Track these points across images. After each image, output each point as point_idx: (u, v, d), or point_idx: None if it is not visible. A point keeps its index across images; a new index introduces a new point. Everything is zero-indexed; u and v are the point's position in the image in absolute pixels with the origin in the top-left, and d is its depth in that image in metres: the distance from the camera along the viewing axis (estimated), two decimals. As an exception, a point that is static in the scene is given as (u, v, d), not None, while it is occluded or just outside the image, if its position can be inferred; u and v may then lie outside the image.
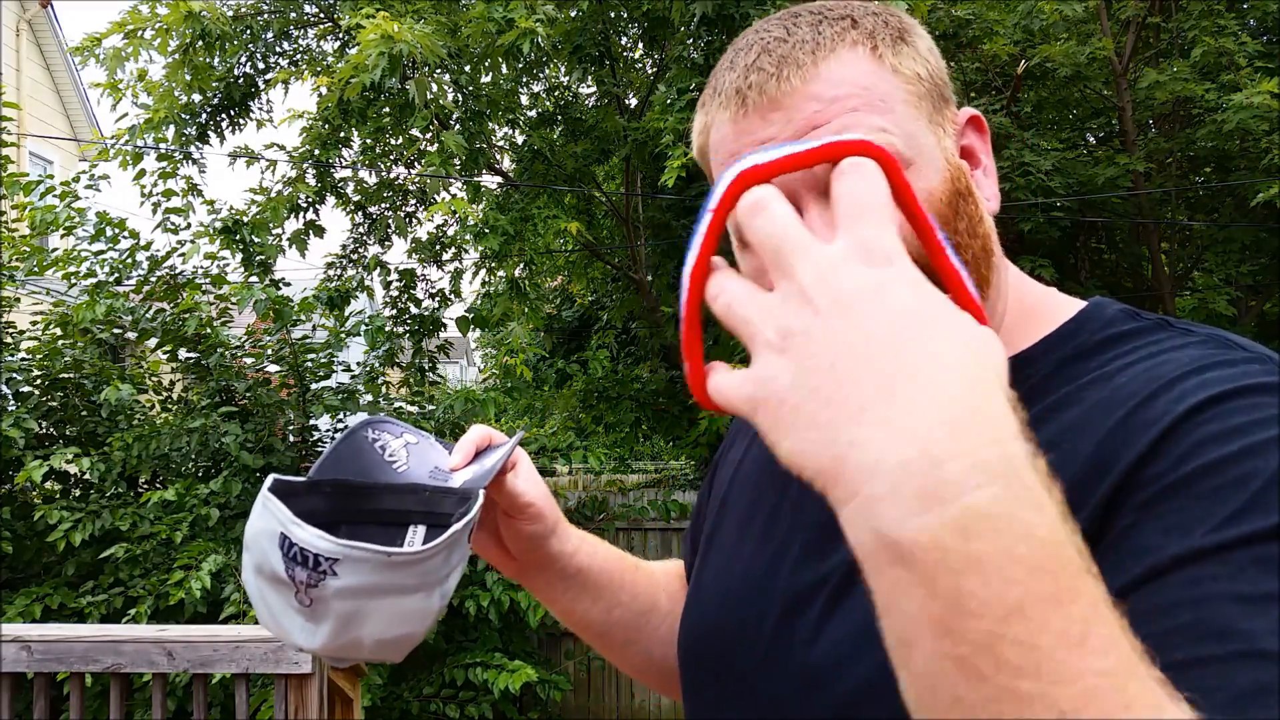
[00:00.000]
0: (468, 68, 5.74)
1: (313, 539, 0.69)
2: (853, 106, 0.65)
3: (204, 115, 6.21)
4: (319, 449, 5.71)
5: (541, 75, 6.80)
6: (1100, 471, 0.58)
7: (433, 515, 0.82)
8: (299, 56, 6.70)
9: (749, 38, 0.70)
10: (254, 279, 5.52)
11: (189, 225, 5.73)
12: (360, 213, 6.88)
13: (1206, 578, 0.50)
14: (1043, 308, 0.73)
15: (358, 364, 5.90)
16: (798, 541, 0.75)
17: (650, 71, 6.89)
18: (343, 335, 5.81)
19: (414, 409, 5.84)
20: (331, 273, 6.88)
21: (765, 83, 0.65)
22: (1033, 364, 0.69)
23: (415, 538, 0.82)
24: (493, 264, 6.49)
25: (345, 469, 0.84)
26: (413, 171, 6.41)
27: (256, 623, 4.30)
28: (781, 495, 0.80)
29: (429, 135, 5.49)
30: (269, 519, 0.72)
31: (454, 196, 5.61)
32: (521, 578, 0.95)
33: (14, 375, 5.19)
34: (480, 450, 0.89)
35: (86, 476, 5.08)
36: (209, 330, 5.27)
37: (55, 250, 5.44)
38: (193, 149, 6.10)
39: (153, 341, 5.49)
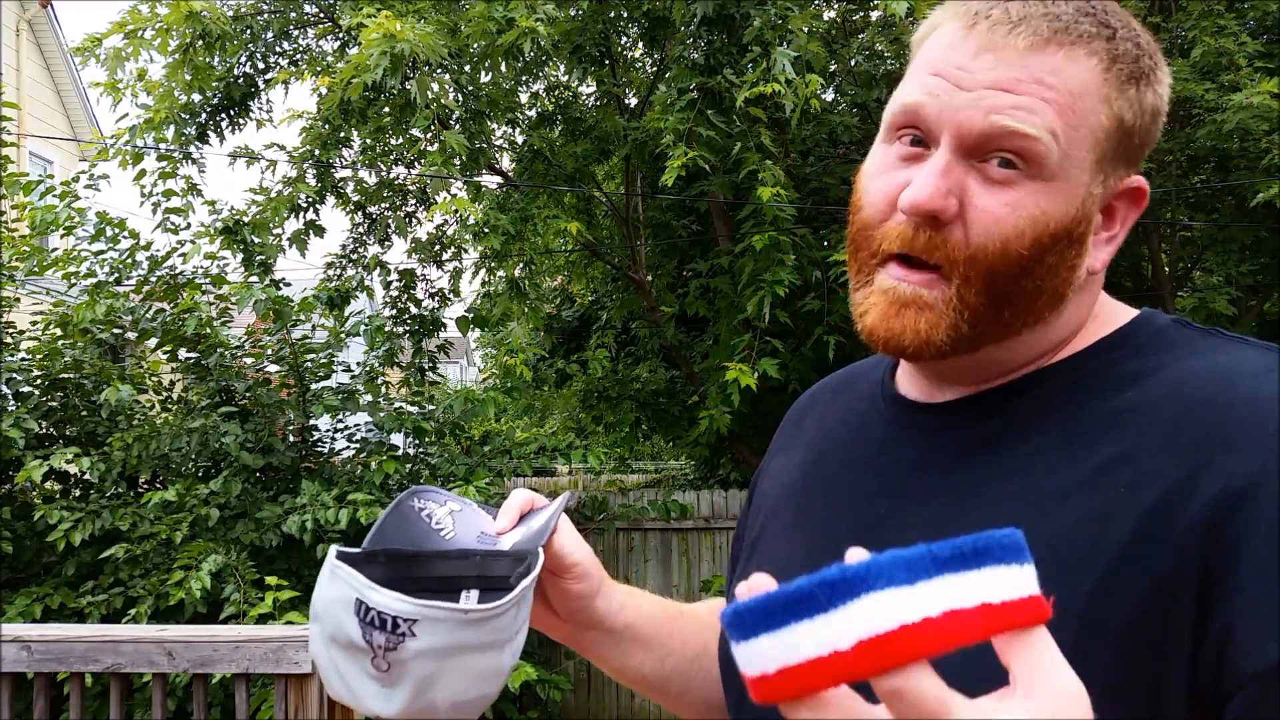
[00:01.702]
0: (467, 67, 5.74)
1: (391, 601, 0.70)
2: (1047, 98, 0.64)
3: (204, 115, 6.21)
4: (319, 449, 5.71)
5: (541, 74, 6.80)
6: (1185, 499, 0.59)
7: (485, 579, 0.83)
8: (299, 56, 6.70)
9: None
10: (254, 279, 5.52)
11: (189, 225, 5.73)
12: (360, 213, 6.88)
13: None
14: (1098, 314, 0.74)
15: (357, 364, 5.90)
16: (845, 535, 0.74)
17: (650, 71, 6.89)
18: (342, 335, 5.81)
19: (414, 409, 5.84)
20: (331, 273, 6.87)
21: (998, 24, 0.66)
22: (1089, 363, 0.70)
23: (470, 603, 0.83)
24: (492, 264, 6.49)
25: (395, 539, 0.85)
26: (413, 171, 6.41)
27: (256, 623, 4.31)
28: (831, 495, 0.80)
29: (430, 135, 5.49)
30: (341, 586, 0.72)
31: (454, 196, 5.61)
32: (571, 640, 0.95)
33: (14, 375, 5.19)
34: (524, 513, 0.89)
35: (86, 476, 5.08)
36: (209, 330, 5.26)
37: (55, 250, 5.44)
38: (192, 149, 6.10)
39: (153, 341, 5.49)
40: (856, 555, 0.43)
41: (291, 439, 5.61)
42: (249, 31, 6.15)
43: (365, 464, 5.54)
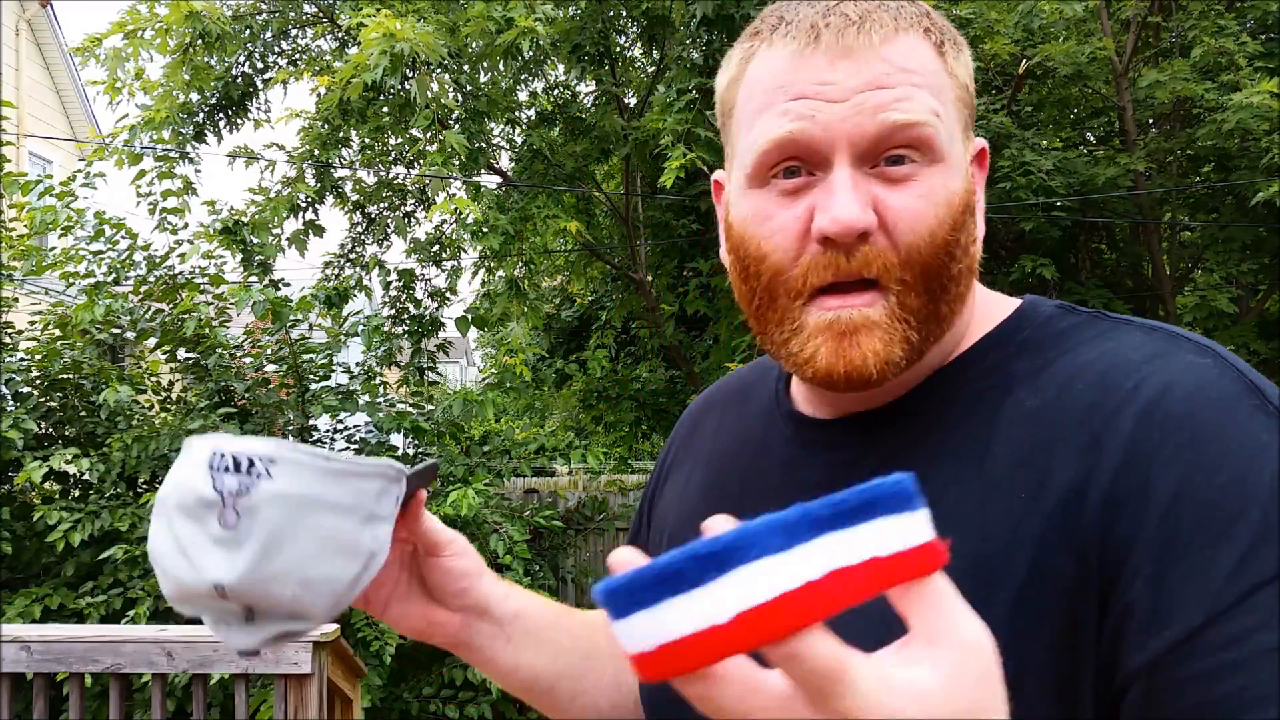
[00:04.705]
0: (466, 67, 5.74)
1: (249, 441, 0.64)
2: (919, 83, 0.64)
3: (201, 115, 6.20)
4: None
5: (540, 73, 6.80)
6: (1079, 505, 0.58)
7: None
8: (298, 56, 6.69)
9: None
10: (253, 279, 5.52)
11: (185, 225, 5.72)
12: (359, 212, 6.87)
13: (1243, 635, 0.51)
14: (983, 307, 0.72)
15: (356, 364, 5.89)
16: None
17: (650, 71, 6.89)
18: (341, 336, 5.80)
19: (413, 409, 5.83)
20: (329, 272, 6.86)
21: (845, 28, 0.64)
22: (975, 365, 0.69)
23: None
24: (492, 264, 6.49)
25: None
26: (413, 171, 6.41)
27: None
28: (736, 519, 0.76)
29: (429, 135, 5.49)
30: (192, 453, 0.65)
31: (454, 196, 5.61)
32: (461, 636, 0.85)
33: (13, 376, 5.18)
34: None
35: (86, 477, 5.07)
36: (208, 331, 5.26)
37: (54, 249, 5.43)
38: (190, 148, 6.09)
39: (151, 342, 5.48)
40: (720, 525, 0.42)
41: (291, 439, 5.60)
42: (248, 31, 6.14)
43: (365, 464, 5.53)
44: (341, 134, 6.02)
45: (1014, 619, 0.58)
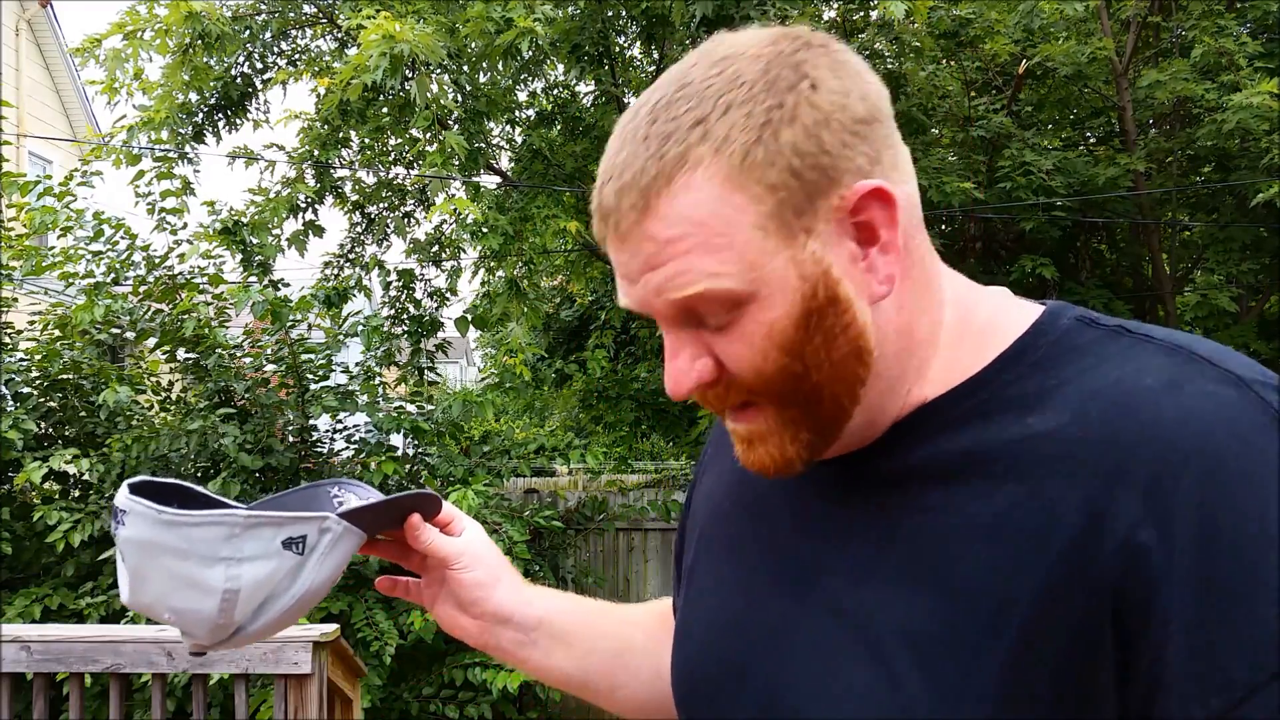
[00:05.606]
0: (465, 67, 5.74)
1: (123, 492, 0.78)
2: (685, 249, 0.61)
3: (200, 115, 6.20)
4: (318, 449, 5.71)
5: (540, 73, 6.80)
6: (1094, 545, 0.56)
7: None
8: (297, 57, 6.69)
9: (624, 129, 0.65)
10: (253, 279, 5.52)
11: (185, 225, 5.72)
12: (359, 212, 6.87)
13: None
14: (992, 325, 0.69)
15: (356, 364, 5.89)
16: (769, 571, 0.72)
17: (649, 71, 6.89)
18: (340, 337, 5.80)
19: (413, 409, 5.83)
20: (329, 272, 6.87)
21: (605, 216, 0.64)
22: (986, 385, 0.66)
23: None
24: (492, 264, 6.49)
25: (286, 507, 0.87)
26: (413, 172, 6.41)
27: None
28: (755, 524, 0.77)
29: (429, 135, 5.49)
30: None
31: (454, 196, 5.61)
32: (488, 640, 0.95)
33: (12, 376, 5.18)
34: (442, 525, 0.93)
35: (85, 477, 5.08)
36: (207, 331, 5.26)
37: (53, 249, 5.42)
38: (188, 148, 6.09)
39: (151, 342, 5.48)
40: None
41: (290, 439, 5.61)
42: (248, 31, 6.14)
43: (364, 464, 5.53)
44: (341, 134, 6.02)
45: (1014, 668, 0.57)
